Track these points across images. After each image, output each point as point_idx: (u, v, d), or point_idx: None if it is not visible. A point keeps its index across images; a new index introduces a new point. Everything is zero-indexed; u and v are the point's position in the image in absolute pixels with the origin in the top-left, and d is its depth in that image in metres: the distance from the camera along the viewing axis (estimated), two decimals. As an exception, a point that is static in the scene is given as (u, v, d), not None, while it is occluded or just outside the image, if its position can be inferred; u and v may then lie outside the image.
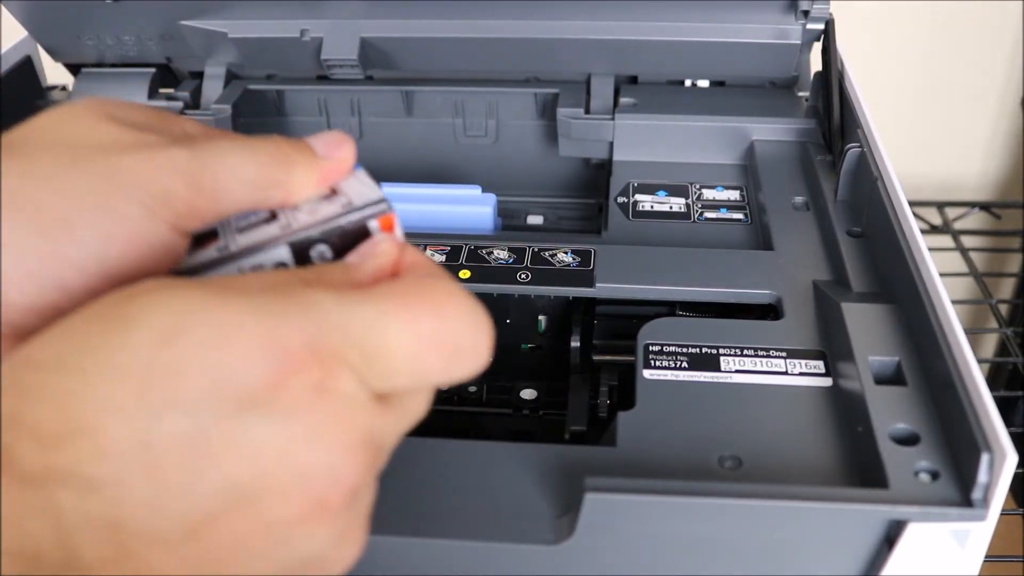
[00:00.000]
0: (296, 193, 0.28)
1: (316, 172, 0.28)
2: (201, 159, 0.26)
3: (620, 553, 0.32)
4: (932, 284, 0.36)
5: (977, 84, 0.89)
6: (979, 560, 0.31)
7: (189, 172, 0.25)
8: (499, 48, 0.57)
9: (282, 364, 0.22)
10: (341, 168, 0.29)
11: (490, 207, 0.51)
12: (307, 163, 0.28)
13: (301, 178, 0.28)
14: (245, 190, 0.26)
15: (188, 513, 0.21)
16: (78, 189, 0.24)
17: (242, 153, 0.27)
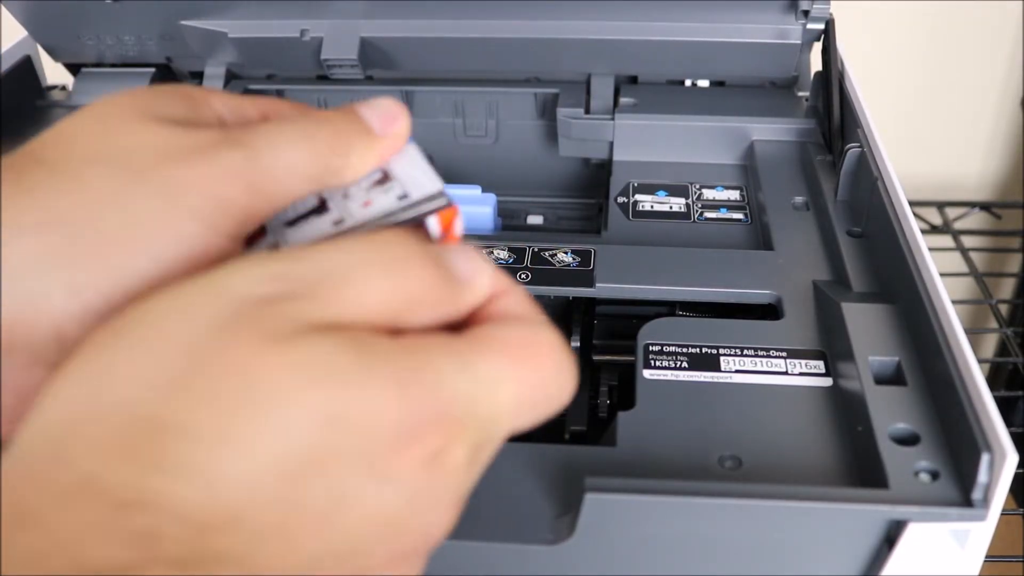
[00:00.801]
0: (351, 177, 0.26)
1: (374, 154, 0.27)
2: (257, 159, 0.24)
3: (620, 553, 0.32)
4: (932, 284, 0.36)
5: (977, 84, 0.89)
6: (979, 560, 0.31)
7: (246, 176, 0.24)
8: (499, 48, 0.57)
9: (413, 437, 0.21)
10: (397, 145, 0.28)
11: (490, 207, 0.51)
12: (365, 145, 0.26)
13: (358, 162, 0.26)
14: (303, 185, 0.25)
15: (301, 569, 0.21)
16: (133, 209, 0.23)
17: (298, 145, 0.25)
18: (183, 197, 0.23)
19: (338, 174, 0.26)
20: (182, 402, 0.20)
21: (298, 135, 0.25)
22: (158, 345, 0.20)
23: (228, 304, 0.21)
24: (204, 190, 0.23)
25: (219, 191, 0.24)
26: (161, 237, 0.23)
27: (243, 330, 0.21)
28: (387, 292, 0.22)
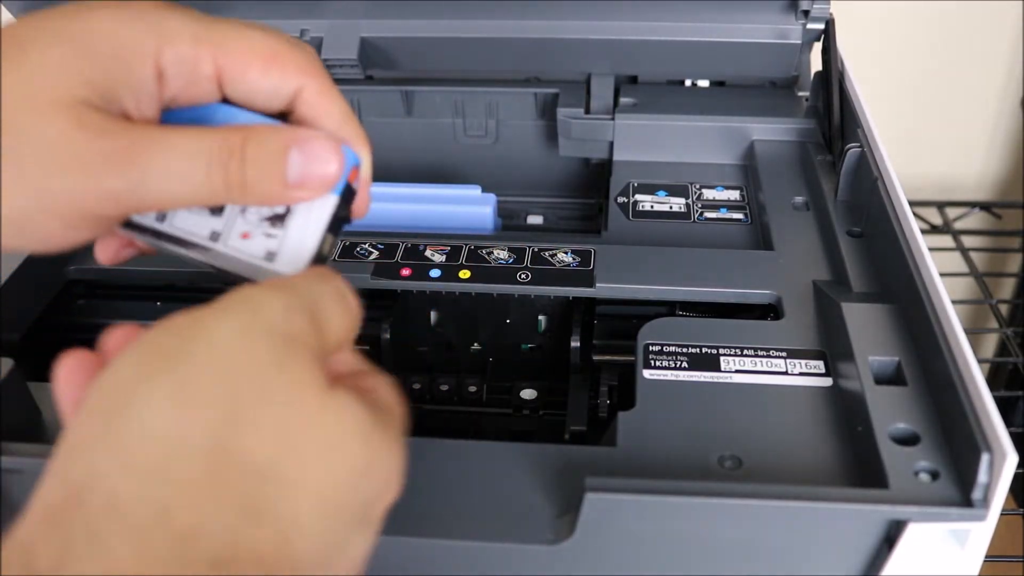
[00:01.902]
0: (252, 202, 0.28)
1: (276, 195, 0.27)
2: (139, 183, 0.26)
3: (620, 553, 0.32)
4: (932, 284, 0.36)
5: (977, 84, 0.89)
6: (979, 560, 0.31)
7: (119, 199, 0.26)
8: (499, 48, 0.57)
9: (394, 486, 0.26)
10: (307, 196, 0.28)
11: (490, 207, 0.51)
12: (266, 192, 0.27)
13: (257, 193, 0.27)
14: (191, 199, 0.27)
15: None
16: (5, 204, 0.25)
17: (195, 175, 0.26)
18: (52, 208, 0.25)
19: (234, 198, 0.27)
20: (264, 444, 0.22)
21: (199, 166, 0.26)
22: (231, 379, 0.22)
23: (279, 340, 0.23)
24: (75, 206, 0.25)
25: (89, 208, 0.26)
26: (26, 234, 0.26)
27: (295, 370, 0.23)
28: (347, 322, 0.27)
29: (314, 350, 0.24)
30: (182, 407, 0.21)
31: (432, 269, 0.44)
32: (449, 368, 0.48)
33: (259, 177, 0.27)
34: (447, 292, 0.44)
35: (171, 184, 0.26)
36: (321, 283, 0.26)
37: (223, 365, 0.22)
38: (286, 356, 0.23)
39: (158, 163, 0.26)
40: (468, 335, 0.47)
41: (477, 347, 0.47)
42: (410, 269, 0.44)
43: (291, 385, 0.22)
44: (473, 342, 0.47)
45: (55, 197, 0.25)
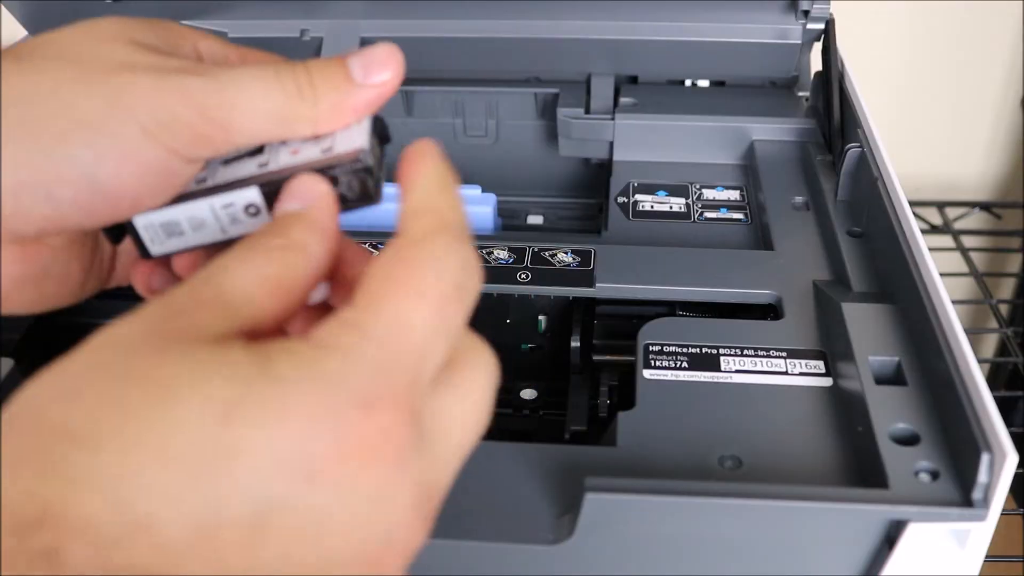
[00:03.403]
0: (325, 126, 0.26)
1: (347, 104, 0.26)
2: (217, 90, 0.25)
3: (620, 553, 0.32)
4: (932, 284, 0.36)
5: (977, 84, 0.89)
6: (979, 560, 0.31)
7: (201, 101, 0.25)
8: (499, 48, 0.57)
9: (339, 432, 0.20)
10: (381, 94, 0.27)
11: (490, 207, 0.51)
12: (339, 94, 0.26)
13: (329, 111, 0.26)
14: (265, 123, 0.26)
15: None
16: (78, 106, 0.24)
17: (266, 84, 0.25)
18: (126, 103, 0.24)
19: (309, 120, 0.26)
20: (81, 409, 0.19)
21: (268, 75, 0.26)
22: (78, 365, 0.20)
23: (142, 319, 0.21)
24: (149, 101, 0.25)
25: (169, 107, 0.25)
26: (100, 136, 0.24)
27: (144, 339, 0.20)
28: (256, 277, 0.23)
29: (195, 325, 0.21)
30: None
31: (432, 269, 0.44)
32: (449, 368, 0.48)
33: (325, 76, 0.26)
34: (447, 292, 0.44)
35: (249, 91, 0.25)
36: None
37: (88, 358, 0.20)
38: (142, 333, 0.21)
39: (231, 75, 0.26)
40: (468, 335, 0.47)
41: (477, 347, 0.47)
42: (410, 269, 0.44)
43: (126, 356, 0.20)
44: (473, 342, 0.47)
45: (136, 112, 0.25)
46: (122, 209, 0.26)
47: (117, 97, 0.25)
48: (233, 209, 0.27)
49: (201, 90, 0.25)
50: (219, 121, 0.25)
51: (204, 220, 0.27)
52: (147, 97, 0.25)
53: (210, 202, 0.27)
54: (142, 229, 0.28)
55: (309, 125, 0.26)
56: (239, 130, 0.26)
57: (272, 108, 0.26)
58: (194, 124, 0.25)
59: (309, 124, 0.26)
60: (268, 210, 0.27)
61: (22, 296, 0.27)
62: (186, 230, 0.28)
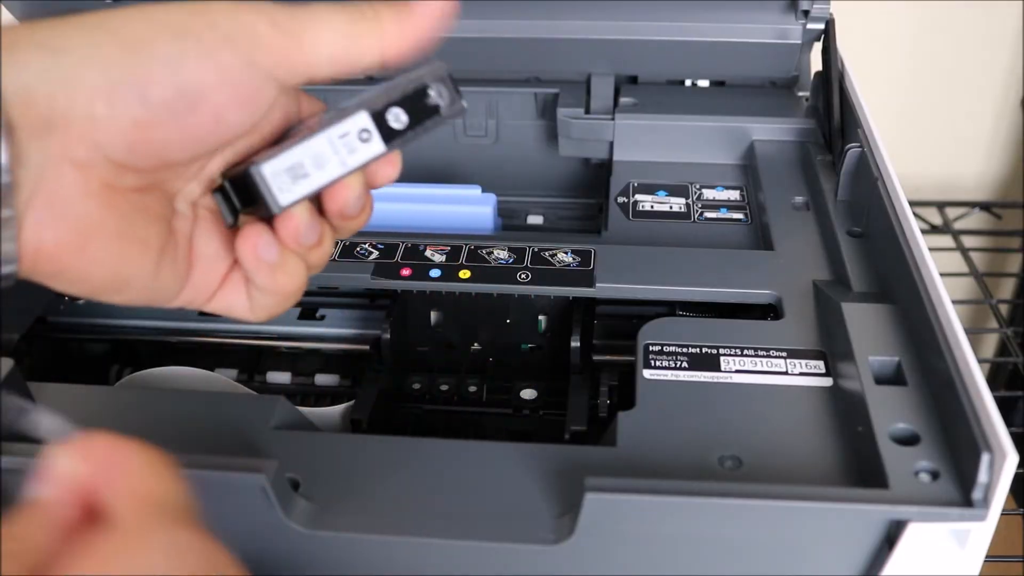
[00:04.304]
0: (390, 45, 0.29)
1: (407, 24, 0.29)
2: (291, 11, 0.28)
3: (620, 553, 0.32)
4: (932, 284, 0.36)
5: (977, 84, 0.89)
6: (979, 560, 0.31)
7: (277, 16, 0.27)
8: (499, 48, 0.57)
9: None
10: (433, 20, 0.29)
11: (490, 207, 0.51)
12: (396, 16, 0.29)
13: (391, 28, 0.29)
14: (337, 41, 0.28)
15: None
16: (163, 17, 0.27)
17: (332, 8, 0.28)
18: (210, 15, 0.27)
19: (376, 38, 0.28)
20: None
21: (339, 7, 0.28)
22: None
23: None
24: (233, 15, 0.27)
25: (247, 19, 0.27)
26: (183, 41, 0.27)
27: None
28: None
29: None
30: None
31: (432, 269, 0.44)
32: (449, 368, 0.48)
33: (388, 5, 0.29)
34: (447, 292, 0.44)
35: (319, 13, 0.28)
36: None
37: None
38: None
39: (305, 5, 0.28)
40: (468, 335, 0.47)
41: (477, 347, 0.47)
42: (410, 269, 0.44)
43: None
44: (473, 342, 0.47)
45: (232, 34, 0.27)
46: (205, 122, 0.27)
47: (200, 10, 0.27)
48: (348, 138, 0.29)
49: (276, 10, 0.28)
50: (293, 36, 0.27)
51: (324, 154, 0.29)
52: (227, 10, 0.27)
53: (327, 134, 0.29)
54: (270, 177, 0.28)
55: (374, 45, 0.29)
56: (311, 46, 0.28)
57: (340, 26, 0.28)
58: (270, 36, 0.27)
59: (375, 39, 0.28)
60: (379, 134, 0.29)
61: (101, 249, 0.27)
62: (310, 170, 0.29)
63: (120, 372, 0.49)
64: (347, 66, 0.29)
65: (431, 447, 0.35)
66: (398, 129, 0.29)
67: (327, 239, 0.31)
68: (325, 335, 0.47)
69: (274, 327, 0.48)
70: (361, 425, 0.42)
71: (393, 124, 0.29)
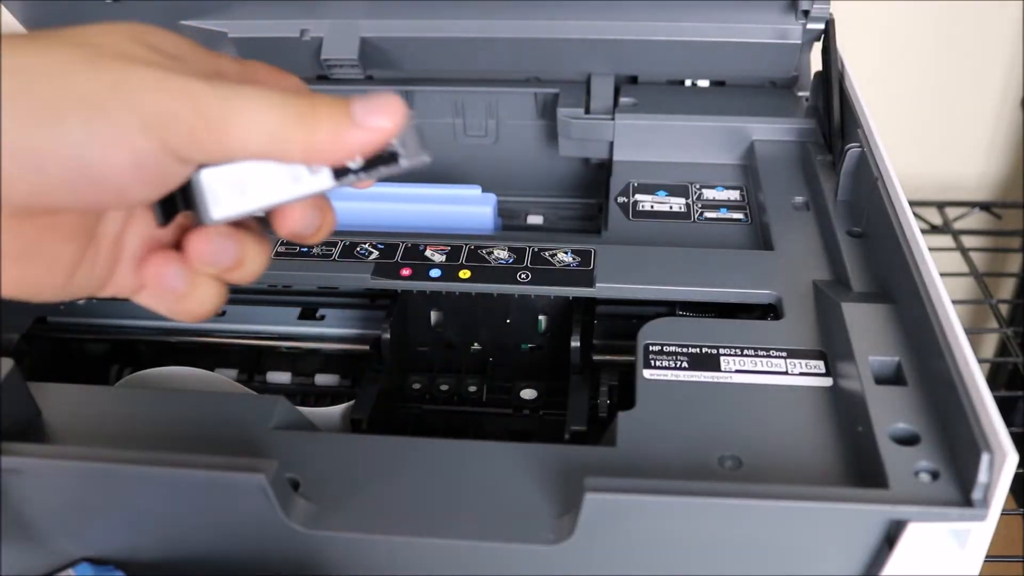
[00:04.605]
0: (317, 155, 0.27)
1: (342, 140, 0.27)
2: (220, 97, 0.26)
3: (620, 553, 0.32)
4: (932, 284, 0.36)
5: (977, 84, 0.89)
6: (979, 560, 0.31)
7: (204, 104, 0.25)
8: (499, 48, 0.57)
9: None
10: (376, 139, 0.28)
11: (490, 207, 0.51)
12: (335, 129, 0.27)
13: (324, 142, 0.27)
14: (261, 139, 0.26)
15: None
16: (81, 86, 0.25)
17: (269, 103, 0.26)
18: (128, 92, 0.25)
19: (302, 147, 0.27)
20: None
21: (274, 97, 0.26)
22: None
23: None
24: (156, 96, 0.25)
25: (170, 104, 0.25)
26: (95, 118, 0.25)
27: None
28: None
29: None
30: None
31: (432, 269, 0.44)
32: (449, 368, 0.48)
33: (328, 111, 0.27)
34: (447, 292, 0.44)
35: (252, 106, 0.26)
36: None
37: None
38: None
39: (239, 89, 0.26)
40: (468, 335, 0.47)
41: (477, 347, 0.47)
42: (410, 269, 0.44)
43: None
44: (473, 342, 0.47)
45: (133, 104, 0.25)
46: (106, 198, 0.26)
47: (121, 84, 0.25)
48: (298, 167, 0.28)
49: (205, 94, 0.26)
50: (217, 127, 0.26)
51: (270, 178, 0.28)
52: (150, 90, 0.25)
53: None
54: (208, 186, 0.28)
55: (302, 151, 0.27)
56: (234, 139, 0.26)
57: (270, 127, 0.26)
58: (192, 125, 0.25)
59: (302, 150, 0.27)
60: (330, 169, 0.28)
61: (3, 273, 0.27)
62: (251, 189, 0.28)
63: (120, 372, 0.49)
64: (270, 160, 0.27)
65: (431, 447, 0.35)
66: (351, 168, 0.28)
67: (251, 260, 0.30)
68: (325, 335, 0.47)
69: (274, 327, 0.48)
70: (361, 425, 0.42)
71: (347, 163, 0.28)
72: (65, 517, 0.35)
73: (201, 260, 0.29)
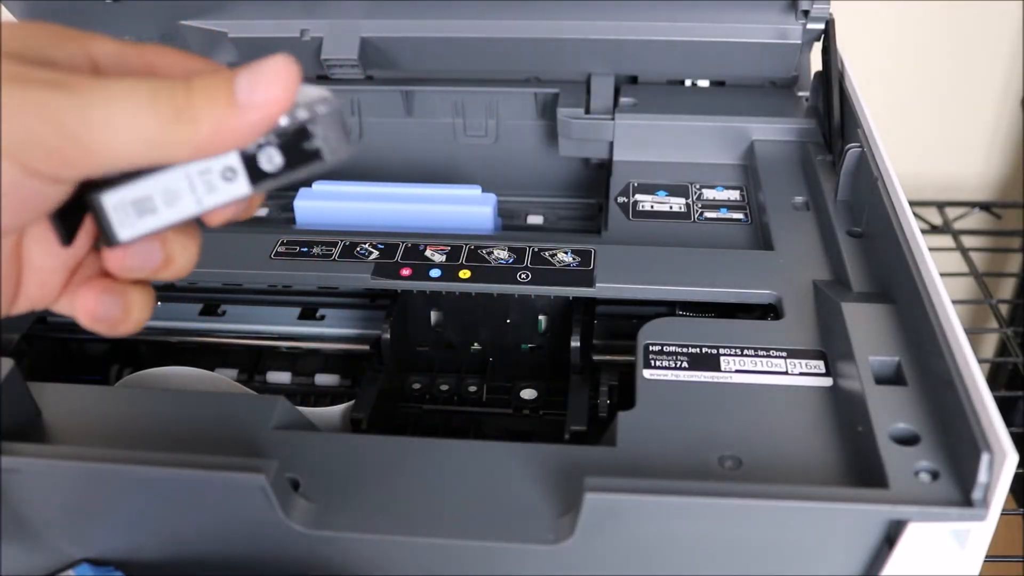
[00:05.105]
0: (207, 150, 0.25)
1: (229, 128, 0.24)
2: (81, 106, 0.23)
3: (620, 553, 0.32)
4: (932, 284, 0.36)
5: (977, 84, 0.89)
6: (979, 560, 0.31)
7: (63, 120, 0.23)
8: (499, 48, 0.57)
9: None
10: (268, 115, 0.25)
11: (490, 207, 0.51)
12: (218, 116, 0.24)
13: (210, 136, 0.24)
14: (136, 147, 0.24)
15: None
16: None
17: (136, 104, 0.24)
18: None
19: (187, 146, 0.24)
20: None
21: (141, 95, 0.24)
22: None
23: None
24: (9, 118, 0.23)
25: (26, 124, 0.23)
26: None
27: None
28: None
29: None
30: None
31: (432, 269, 0.44)
32: (449, 368, 0.48)
33: (206, 96, 0.24)
34: (447, 292, 0.44)
35: (118, 111, 0.23)
36: None
37: None
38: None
39: (103, 93, 0.24)
40: (468, 335, 0.47)
41: (477, 347, 0.47)
42: (410, 269, 0.44)
43: None
44: (473, 342, 0.47)
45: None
46: None
47: None
48: (210, 176, 0.26)
49: (63, 108, 0.23)
50: (82, 141, 0.23)
51: (179, 190, 0.26)
52: (5, 107, 0.23)
53: (185, 169, 0.25)
54: (111, 209, 0.25)
55: (188, 150, 0.25)
56: (105, 150, 0.24)
57: (143, 129, 0.24)
58: (53, 144, 0.23)
59: (188, 149, 0.24)
60: (246, 174, 0.26)
61: None
62: (159, 205, 0.26)
63: (120, 372, 0.49)
64: (153, 164, 0.25)
65: (431, 447, 0.35)
66: (269, 171, 0.26)
67: (180, 254, 0.28)
68: (325, 335, 0.47)
69: (274, 327, 0.48)
70: (361, 425, 0.42)
71: (264, 165, 0.26)
72: (65, 517, 0.35)
73: (125, 270, 0.27)
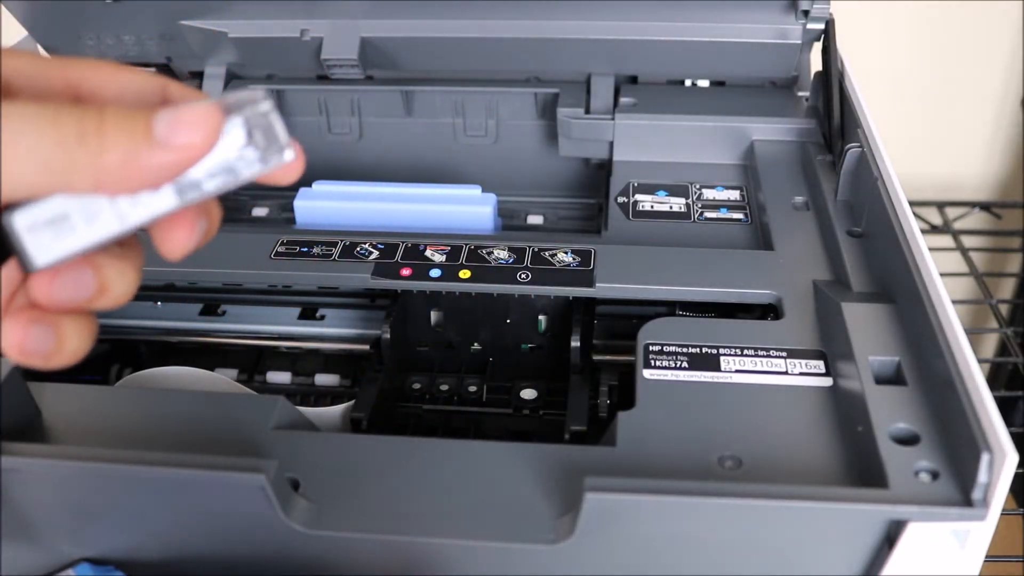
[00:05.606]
0: (109, 184, 0.23)
1: (139, 162, 0.23)
2: None
3: (620, 553, 0.32)
4: (932, 284, 0.36)
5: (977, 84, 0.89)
6: (979, 560, 0.31)
7: None
8: (499, 48, 0.57)
9: None
10: (182, 159, 0.23)
11: (490, 207, 0.51)
12: (128, 148, 0.23)
13: (116, 167, 0.23)
14: (36, 174, 0.22)
15: None
16: None
17: (38, 128, 0.22)
18: None
19: (88, 174, 0.23)
20: None
21: (45, 118, 0.22)
22: None
23: None
24: None
25: None
26: None
27: None
28: None
29: None
30: None
31: (432, 269, 0.44)
32: (449, 368, 0.48)
33: (119, 125, 0.23)
34: (447, 292, 0.44)
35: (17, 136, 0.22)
36: None
37: None
38: None
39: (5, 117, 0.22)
40: (468, 335, 0.47)
41: (477, 347, 0.47)
42: (410, 269, 0.44)
43: None
44: (473, 342, 0.47)
45: None
46: None
47: None
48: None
49: None
50: None
51: (98, 208, 0.24)
52: None
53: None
54: (25, 232, 0.23)
55: (89, 180, 0.23)
56: (11, 181, 0.22)
57: (43, 154, 0.22)
58: None
59: (89, 178, 0.23)
60: (172, 184, 0.24)
61: None
62: (77, 224, 0.23)
63: (120, 372, 0.49)
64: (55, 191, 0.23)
65: (431, 447, 0.35)
66: (199, 183, 0.24)
67: (116, 281, 0.25)
68: (325, 335, 0.47)
69: (274, 327, 0.48)
70: (361, 425, 0.42)
71: (192, 174, 0.24)
72: (65, 517, 0.35)
73: (55, 300, 0.25)
